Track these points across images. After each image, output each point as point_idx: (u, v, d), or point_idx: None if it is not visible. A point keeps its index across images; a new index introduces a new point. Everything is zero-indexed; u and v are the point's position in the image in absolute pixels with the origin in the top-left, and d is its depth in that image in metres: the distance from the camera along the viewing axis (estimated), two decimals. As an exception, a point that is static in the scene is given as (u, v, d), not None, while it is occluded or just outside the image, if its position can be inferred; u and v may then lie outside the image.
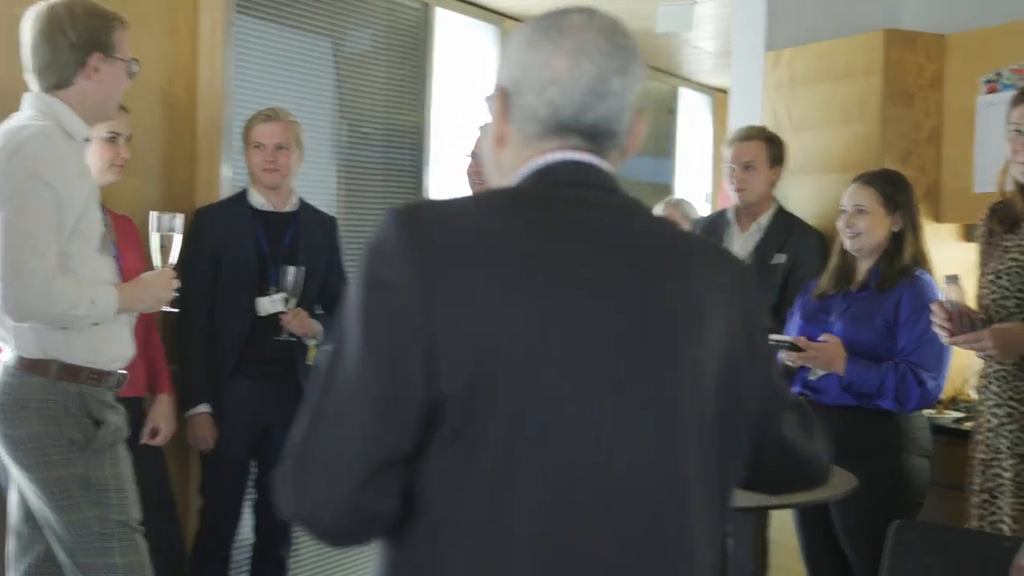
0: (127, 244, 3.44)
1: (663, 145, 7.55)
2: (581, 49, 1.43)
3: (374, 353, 1.30)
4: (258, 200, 3.85)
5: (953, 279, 3.02)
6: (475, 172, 3.87)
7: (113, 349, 2.78)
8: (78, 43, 2.64)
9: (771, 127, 4.48)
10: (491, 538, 1.31)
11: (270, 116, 3.84)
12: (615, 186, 1.47)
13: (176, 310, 3.03)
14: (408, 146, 5.13)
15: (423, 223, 1.34)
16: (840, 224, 3.54)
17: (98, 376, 2.73)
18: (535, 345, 1.31)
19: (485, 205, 1.42)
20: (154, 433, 3.51)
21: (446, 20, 5.26)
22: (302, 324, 3.74)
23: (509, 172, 1.49)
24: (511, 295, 1.32)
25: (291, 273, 3.65)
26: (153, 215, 2.88)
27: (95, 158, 3.35)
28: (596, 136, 1.46)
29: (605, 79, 1.43)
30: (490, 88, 1.52)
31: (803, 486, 1.67)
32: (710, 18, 5.77)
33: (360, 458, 1.29)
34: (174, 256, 2.88)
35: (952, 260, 3.71)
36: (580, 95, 1.43)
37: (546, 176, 1.44)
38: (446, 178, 5.23)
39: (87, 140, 2.74)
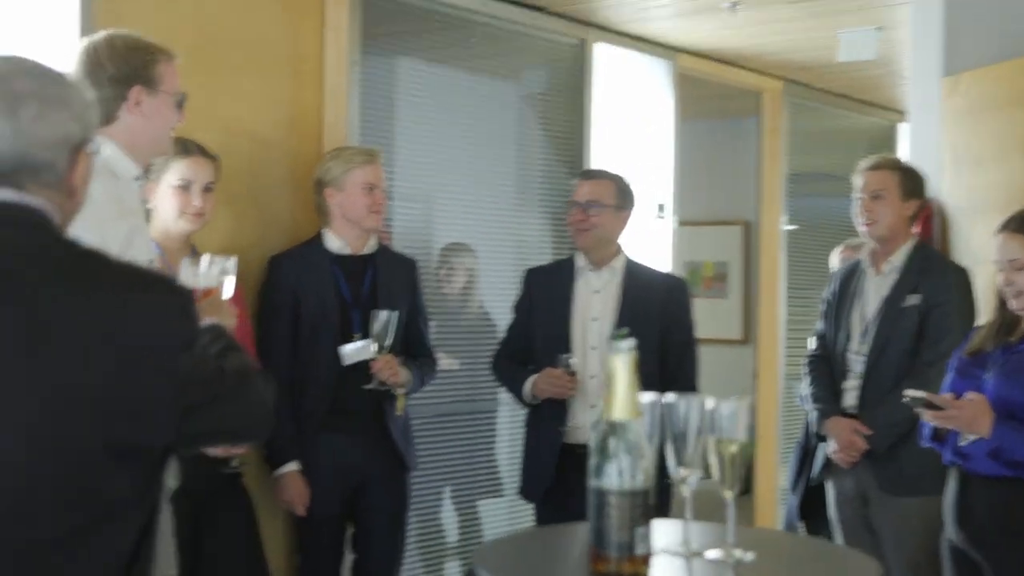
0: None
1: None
2: None
3: None
4: (336, 244, 3.69)
5: None
6: (578, 219, 3.77)
7: None
8: (117, 77, 2.55)
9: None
10: None
11: (374, 156, 3.71)
12: (28, 220, 1.64)
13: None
14: (564, 195, 4.92)
15: None
16: (999, 282, 3.07)
17: None
18: None
19: None
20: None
21: (611, 56, 5.02)
22: (393, 372, 3.56)
23: None
24: None
25: (382, 318, 3.47)
26: (206, 257, 2.76)
27: (166, 205, 3.30)
28: (1, 173, 1.63)
29: None
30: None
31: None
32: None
33: None
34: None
35: None
36: None
37: None
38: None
39: (138, 179, 2.63)
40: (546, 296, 3.81)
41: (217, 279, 2.34)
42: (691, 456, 1.94)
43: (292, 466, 3.56)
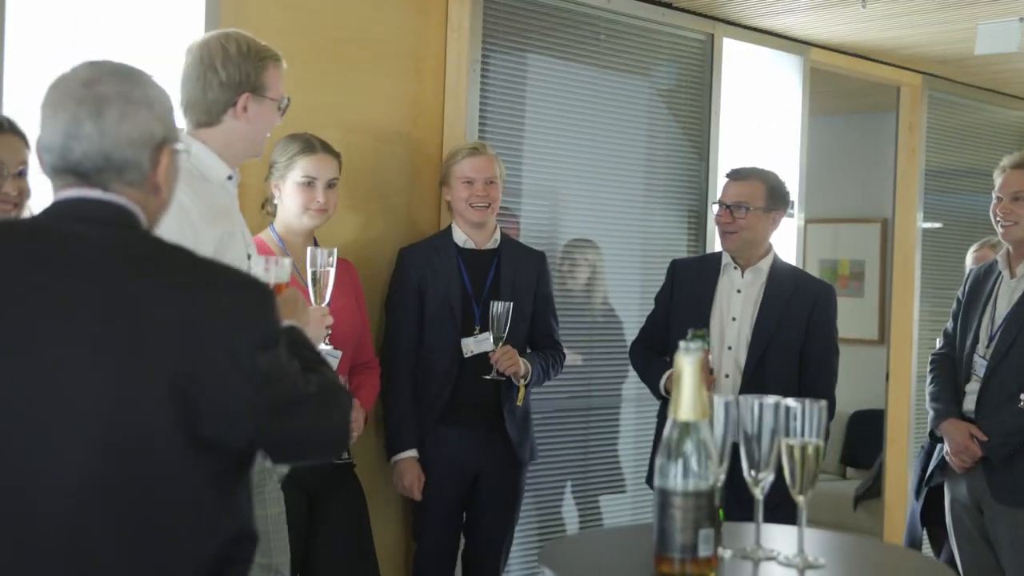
0: (338, 287, 3.39)
1: None
2: (61, 98, 1.70)
3: None
4: (461, 237, 3.74)
5: None
6: (724, 221, 3.68)
7: None
8: (228, 83, 2.55)
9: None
10: None
11: (478, 149, 3.75)
12: (113, 217, 1.69)
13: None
14: (690, 191, 4.88)
15: None
16: None
17: None
18: None
19: None
20: None
21: (739, 51, 4.95)
22: (511, 362, 3.59)
23: None
24: None
25: (498, 308, 3.51)
26: (309, 249, 2.86)
27: (291, 202, 3.38)
28: (87, 173, 1.70)
29: (79, 122, 1.68)
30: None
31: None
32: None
33: None
34: (328, 293, 2.84)
35: None
36: (60, 139, 1.69)
37: (48, 212, 1.73)
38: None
39: (230, 178, 2.63)
40: (688, 290, 3.75)
41: (289, 274, 2.30)
42: (764, 458, 1.93)
43: (410, 452, 3.63)
